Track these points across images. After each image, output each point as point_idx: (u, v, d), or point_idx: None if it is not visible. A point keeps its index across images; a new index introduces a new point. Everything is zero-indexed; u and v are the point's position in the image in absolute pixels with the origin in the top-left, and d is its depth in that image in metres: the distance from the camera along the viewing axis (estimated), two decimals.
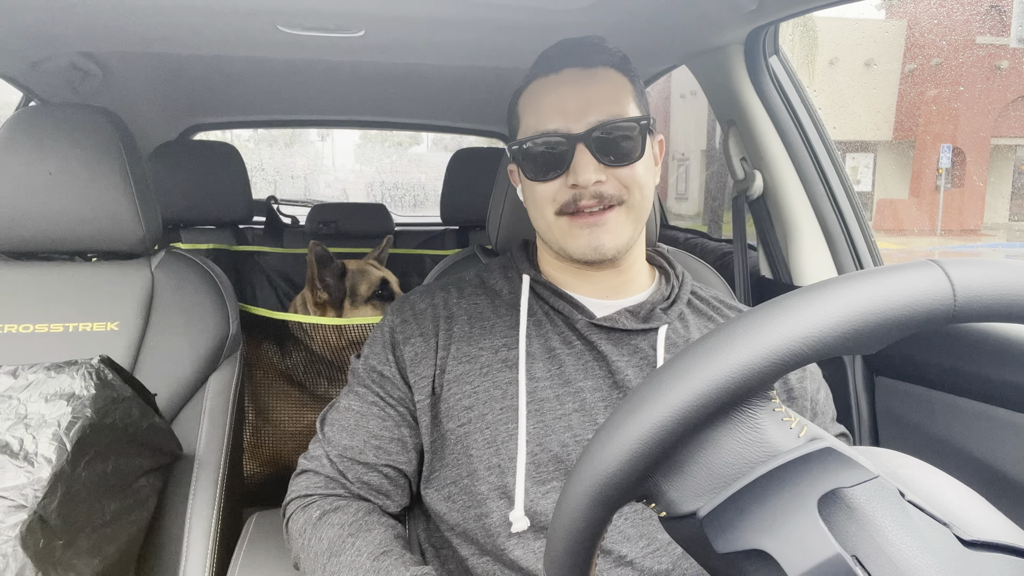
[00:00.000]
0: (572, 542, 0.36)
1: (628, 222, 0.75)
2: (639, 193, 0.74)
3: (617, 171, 0.73)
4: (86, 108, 1.01)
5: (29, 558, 0.66)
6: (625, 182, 0.73)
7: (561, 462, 0.72)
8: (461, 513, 0.75)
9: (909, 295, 0.32)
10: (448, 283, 0.85)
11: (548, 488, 0.71)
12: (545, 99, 0.76)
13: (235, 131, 3.83)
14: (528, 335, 0.77)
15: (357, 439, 0.77)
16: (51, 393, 0.78)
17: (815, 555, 0.29)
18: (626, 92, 0.76)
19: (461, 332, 0.78)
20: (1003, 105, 9.47)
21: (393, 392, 0.79)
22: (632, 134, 0.73)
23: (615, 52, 0.78)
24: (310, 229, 2.26)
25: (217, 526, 0.93)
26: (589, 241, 0.74)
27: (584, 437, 0.72)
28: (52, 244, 1.01)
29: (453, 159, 2.04)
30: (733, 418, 0.34)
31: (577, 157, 0.72)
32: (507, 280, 0.84)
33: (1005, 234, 9.97)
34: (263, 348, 1.47)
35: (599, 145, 0.72)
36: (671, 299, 0.81)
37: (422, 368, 0.77)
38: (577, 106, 0.73)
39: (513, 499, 0.71)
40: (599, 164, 0.72)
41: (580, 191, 0.72)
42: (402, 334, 0.79)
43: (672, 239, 1.91)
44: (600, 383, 0.74)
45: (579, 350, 0.76)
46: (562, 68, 0.76)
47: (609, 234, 0.74)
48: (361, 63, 1.58)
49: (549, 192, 0.75)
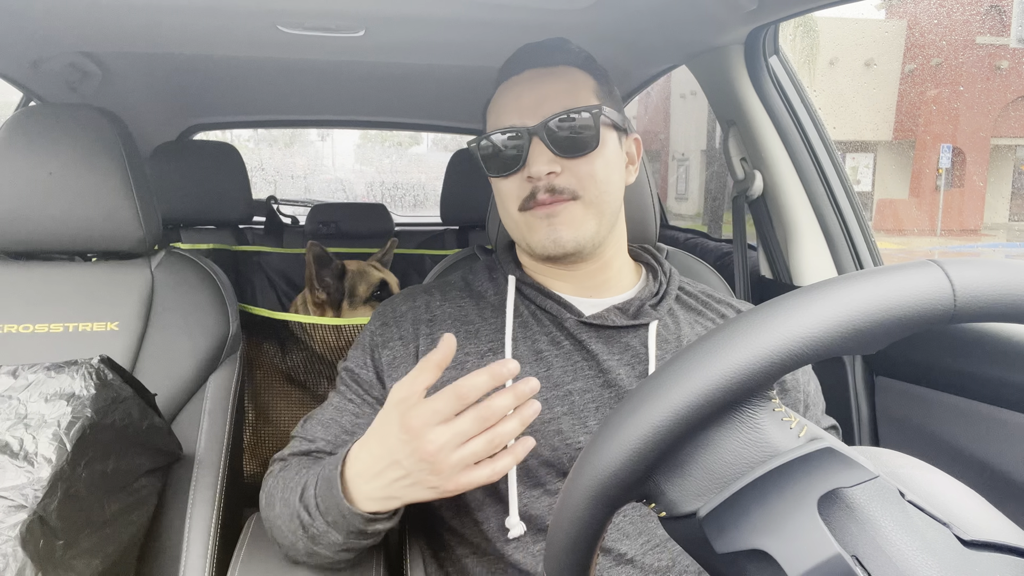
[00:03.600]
0: (572, 541, 0.36)
1: (589, 217, 0.74)
2: (595, 188, 0.73)
3: (571, 163, 0.72)
4: (86, 108, 1.01)
5: (29, 558, 0.66)
6: (580, 175, 0.72)
7: (552, 466, 0.71)
8: (457, 520, 0.74)
9: (909, 295, 0.32)
10: (432, 286, 0.84)
11: (541, 492, 0.71)
12: (504, 98, 0.76)
13: (235, 131, 3.83)
14: (515, 338, 0.76)
15: (330, 432, 0.77)
16: (51, 393, 0.77)
17: (815, 555, 0.29)
18: (586, 87, 0.75)
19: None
20: (1003, 105, 9.48)
21: (371, 392, 0.78)
22: (587, 125, 0.72)
23: (578, 52, 0.78)
24: (310, 229, 2.26)
25: (217, 526, 0.93)
26: (548, 234, 0.73)
27: (575, 440, 0.71)
28: (52, 244, 1.01)
29: (453, 159, 2.04)
30: (733, 418, 0.34)
31: (531, 149, 0.72)
32: (492, 281, 0.83)
33: (1005, 234, 9.98)
34: (264, 348, 1.47)
35: (553, 137, 0.71)
36: (659, 295, 0.80)
37: (400, 373, 0.76)
38: (533, 101, 0.73)
39: (507, 504, 0.70)
40: (553, 156, 0.72)
41: (536, 184, 0.72)
42: (381, 337, 0.79)
43: (672, 239, 1.91)
44: (590, 383, 0.73)
45: (568, 350, 0.75)
46: (523, 69, 0.76)
47: (566, 226, 0.73)
48: (361, 63, 1.58)
49: (511, 188, 0.75)
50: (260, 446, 1.50)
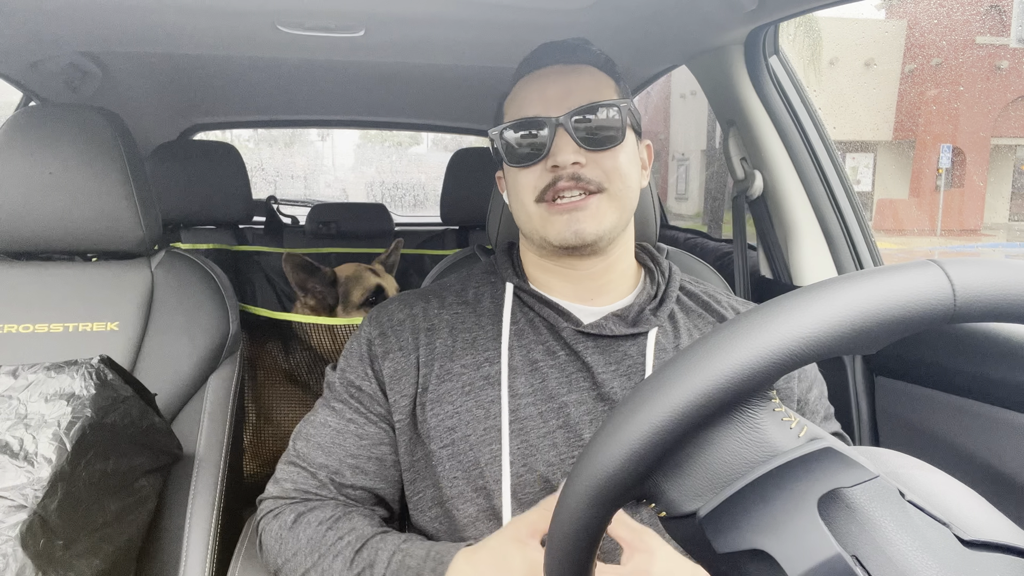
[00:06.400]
0: (572, 542, 0.36)
1: (611, 210, 0.73)
2: (620, 182, 0.72)
3: (597, 156, 0.72)
4: (86, 108, 1.01)
5: (29, 558, 0.66)
6: (605, 168, 0.72)
7: (547, 481, 0.70)
8: (449, 536, 0.73)
9: (909, 295, 0.32)
10: (429, 291, 0.83)
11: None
12: (527, 91, 0.75)
13: (235, 131, 3.83)
14: (510, 347, 0.75)
15: (333, 458, 0.75)
16: (51, 393, 0.78)
17: (815, 555, 0.29)
18: (608, 88, 0.75)
19: (443, 347, 0.76)
20: (1003, 105, 9.48)
21: (373, 408, 0.76)
22: (614, 121, 0.72)
23: (599, 53, 0.78)
24: (310, 229, 2.26)
25: (217, 526, 0.93)
26: (569, 224, 0.71)
27: (570, 455, 0.70)
28: (52, 244, 1.01)
29: (453, 159, 2.04)
30: (733, 418, 0.34)
31: (557, 139, 0.71)
32: (490, 286, 0.82)
33: (1005, 234, 9.98)
34: (266, 348, 1.47)
35: (579, 128, 0.71)
36: (659, 298, 0.79)
37: (402, 385, 0.75)
38: (558, 93, 0.73)
39: (500, 521, 0.69)
40: (578, 147, 0.71)
41: (559, 172, 0.71)
42: (380, 347, 0.77)
43: (672, 239, 1.91)
44: (584, 396, 0.72)
45: (563, 361, 0.74)
46: (547, 64, 0.76)
47: (591, 218, 0.71)
48: (361, 63, 1.58)
49: (530, 179, 0.73)
50: (261, 446, 1.50)
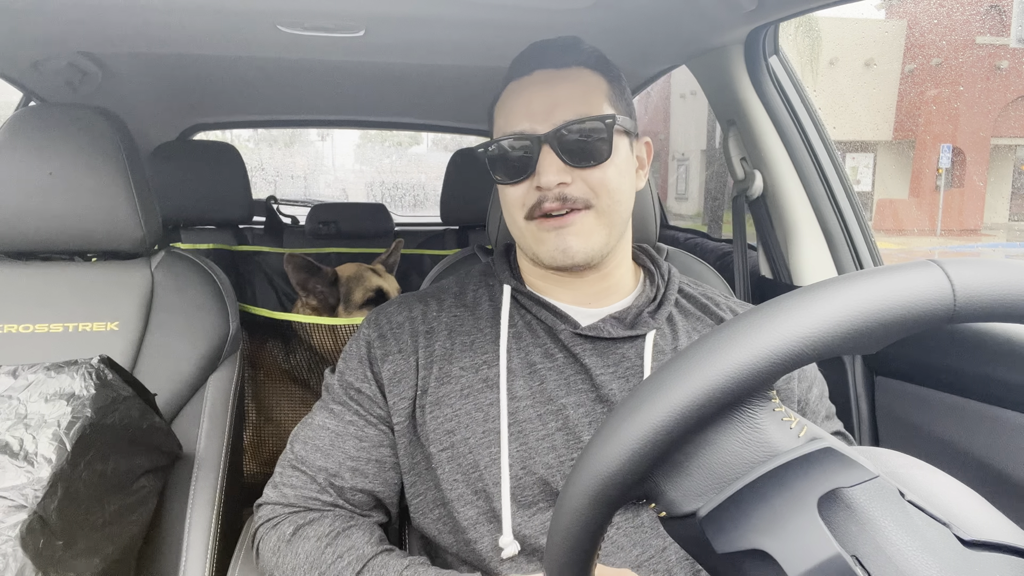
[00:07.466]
0: (572, 542, 0.36)
1: (599, 227, 0.72)
2: (608, 197, 0.71)
3: (584, 173, 0.70)
4: (86, 108, 1.01)
5: (29, 558, 0.66)
6: (592, 185, 0.70)
7: (547, 484, 0.70)
8: (451, 536, 0.73)
9: (909, 295, 0.32)
10: (427, 293, 0.83)
11: (535, 511, 0.70)
12: (514, 101, 0.74)
13: (235, 131, 3.83)
14: (509, 350, 0.74)
15: (332, 460, 0.74)
16: (51, 393, 0.77)
17: (815, 555, 0.29)
18: (598, 91, 0.73)
19: (442, 350, 0.76)
20: (1003, 105, 9.49)
21: (373, 410, 0.76)
22: (600, 134, 0.70)
23: (590, 51, 0.76)
24: (310, 229, 2.27)
25: (217, 526, 0.93)
26: (557, 244, 0.71)
27: (568, 457, 0.70)
28: (52, 244, 1.01)
29: (453, 159, 2.04)
30: (733, 418, 0.34)
31: (542, 158, 0.70)
32: (488, 289, 0.82)
33: (1005, 234, 9.99)
34: (266, 348, 1.47)
35: (564, 145, 0.69)
36: (658, 301, 0.78)
37: (402, 388, 0.75)
38: (544, 106, 0.71)
39: (501, 524, 0.69)
40: (564, 165, 0.69)
41: (544, 193, 0.70)
42: (380, 350, 0.77)
43: (672, 239, 1.91)
44: (583, 398, 0.72)
45: (561, 363, 0.74)
46: (533, 70, 0.74)
47: (576, 236, 0.71)
48: (361, 63, 1.58)
49: (518, 195, 0.73)
50: (262, 446, 1.50)
